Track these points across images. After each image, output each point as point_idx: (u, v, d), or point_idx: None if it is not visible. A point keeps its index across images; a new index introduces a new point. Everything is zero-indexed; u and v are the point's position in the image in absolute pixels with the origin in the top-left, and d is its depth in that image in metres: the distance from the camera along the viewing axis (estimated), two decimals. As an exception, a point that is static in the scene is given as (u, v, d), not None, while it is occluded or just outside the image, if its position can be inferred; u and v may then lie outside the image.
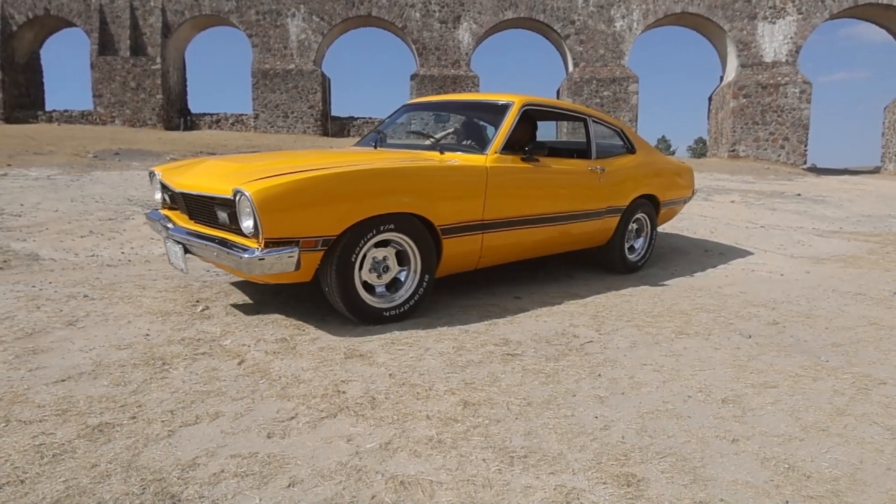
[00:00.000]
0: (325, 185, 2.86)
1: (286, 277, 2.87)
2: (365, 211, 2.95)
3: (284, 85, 23.32)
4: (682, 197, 5.56)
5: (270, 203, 2.69)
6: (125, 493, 1.62)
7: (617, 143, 4.88)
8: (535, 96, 4.20)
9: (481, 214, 3.49)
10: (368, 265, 3.11)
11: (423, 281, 3.28)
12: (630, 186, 4.67)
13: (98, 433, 1.94)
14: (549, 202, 4.01)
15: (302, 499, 1.61)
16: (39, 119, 24.53)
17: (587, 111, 4.66)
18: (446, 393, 2.32)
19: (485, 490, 1.68)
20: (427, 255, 3.26)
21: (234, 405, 2.16)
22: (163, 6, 23.69)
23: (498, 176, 3.58)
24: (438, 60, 23.51)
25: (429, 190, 3.24)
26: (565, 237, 4.24)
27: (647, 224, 4.98)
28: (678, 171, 5.56)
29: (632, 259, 4.87)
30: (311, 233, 2.81)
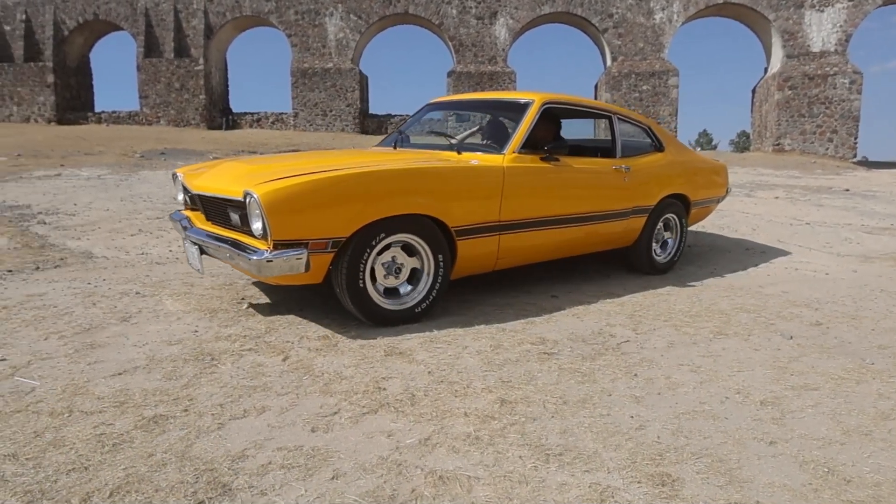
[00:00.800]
0: (334, 187, 2.85)
1: (296, 279, 2.88)
2: (375, 213, 2.93)
3: (323, 83, 23.65)
4: (714, 196, 5.39)
5: (278, 205, 2.71)
6: (180, 482, 1.72)
7: (644, 141, 4.77)
8: (556, 94, 4.15)
9: (498, 215, 3.44)
10: (380, 267, 3.10)
11: (437, 283, 3.25)
12: (658, 186, 4.55)
13: (153, 424, 2.05)
14: (570, 202, 3.92)
15: (345, 490, 1.69)
16: (89, 120, 25.42)
17: (612, 108, 4.58)
18: (483, 391, 2.37)
19: (521, 486, 1.72)
20: (440, 257, 3.23)
21: (280, 400, 2.26)
22: (205, 8, 24.25)
23: (515, 176, 3.53)
24: (475, 57, 23.50)
25: (442, 191, 3.20)
26: (589, 238, 4.16)
27: (676, 224, 4.84)
28: (710, 169, 5.39)
29: (660, 260, 4.73)
30: (320, 234, 2.81)
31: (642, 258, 4.58)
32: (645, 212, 4.47)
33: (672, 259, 4.83)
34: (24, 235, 5.64)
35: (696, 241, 6.15)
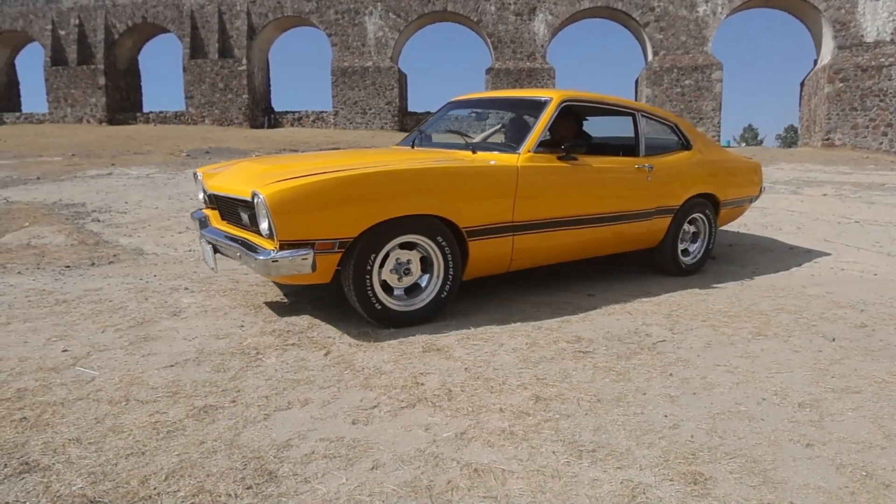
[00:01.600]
0: (340, 188, 2.86)
1: (304, 279, 2.91)
2: (382, 213, 2.92)
3: (362, 82, 23.92)
4: (746, 196, 5.22)
5: (284, 205, 2.74)
6: (229, 468, 1.82)
7: (671, 139, 4.65)
8: (576, 91, 4.08)
9: (511, 216, 3.39)
10: (389, 267, 3.09)
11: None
12: (684, 185, 4.43)
13: (204, 414, 2.17)
14: (589, 202, 3.84)
15: (384, 480, 1.76)
16: (137, 120, 26.28)
17: (636, 105, 4.47)
18: (519, 387, 2.42)
19: (554, 480, 1.77)
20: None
21: (322, 393, 2.35)
22: (248, 10, 24.78)
23: (530, 176, 3.47)
24: (514, 53, 23.42)
25: (452, 191, 3.17)
26: (609, 239, 4.08)
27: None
28: (742, 167, 5.23)
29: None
30: (327, 235, 2.82)
31: (668, 259, 4.48)
32: (670, 212, 4.37)
33: (700, 260, 4.70)
34: (80, 233, 5.92)
35: (737, 240, 6.06)
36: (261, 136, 20.65)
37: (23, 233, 5.80)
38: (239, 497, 1.68)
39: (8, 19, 27.12)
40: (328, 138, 19.72)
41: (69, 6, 26.43)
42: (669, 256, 4.46)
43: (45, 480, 1.76)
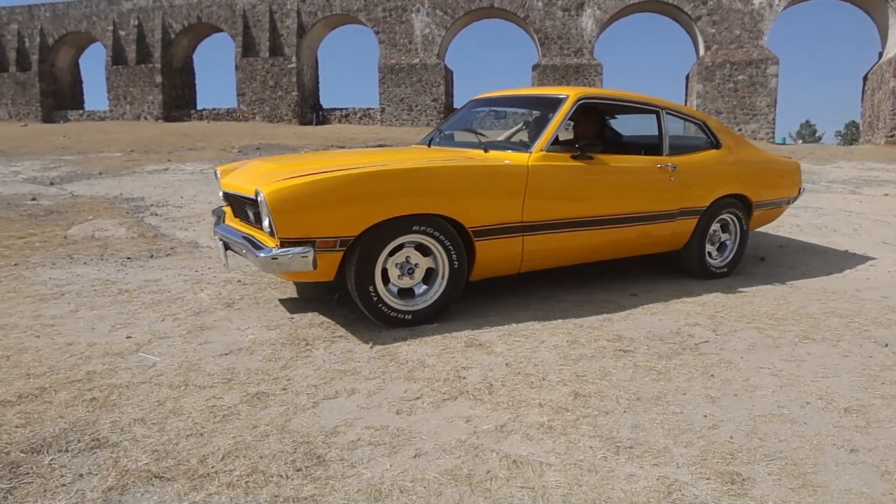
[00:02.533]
0: (340, 187, 2.87)
1: (307, 276, 2.95)
2: (384, 212, 2.91)
3: (409, 79, 24.12)
4: (782, 197, 4.96)
5: (283, 203, 2.77)
6: (281, 451, 1.93)
7: (698, 138, 4.48)
8: (595, 88, 4.02)
9: (520, 216, 3.34)
10: (394, 267, 3.08)
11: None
12: (711, 185, 4.26)
13: (256, 400, 2.29)
14: (606, 203, 3.74)
15: (426, 468, 1.84)
16: (192, 117, 27.14)
17: (660, 103, 4.30)
18: (558, 384, 2.47)
19: (590, 474, 1.82)
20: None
21: (368, 384, 2.45)
22: (298, 8, 25.27)
23: (542, 175, 3.41)
24: (560, 49, 23.22)
25: (456, 190, 3.14)
26: (629, 241, 3.96)
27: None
28: (778, 167, 4.99)
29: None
30: (328, 233, 2.84)
31: (694, 262, 4.33)
32: (695, 213, 4.21)
33: (730, 263, 4.52)
34: (140, 226, 6.21)
35: (788, 241, 5.91)
36: (309, 132, 21.06)
37: (87, 225, 6.12)
38: (290, 478, 1.78)
39: (73, 21, 28.38)
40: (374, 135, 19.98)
41: (129, 7, 27.47)
42: (696, 259, 4.32)
43: (113, 456, 1.90)
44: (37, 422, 2.12)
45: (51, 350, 2.82)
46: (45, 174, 10.38)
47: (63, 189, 8.77)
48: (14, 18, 29.17)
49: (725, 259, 4.53)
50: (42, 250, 5.08)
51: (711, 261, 4.45)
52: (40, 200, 7.67)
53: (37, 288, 3.91)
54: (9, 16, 29.23)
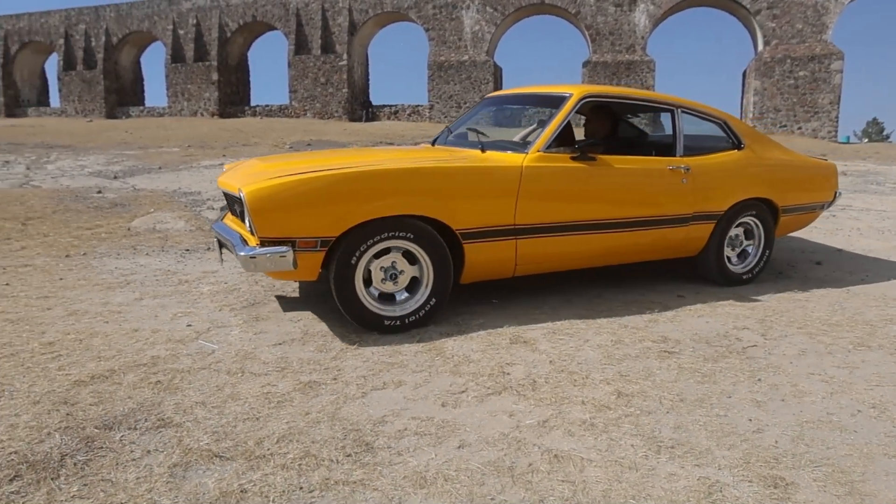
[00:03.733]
0: (320, 187, 2.85)
1: (290, 275, 2.96)
2: (365, 213, 2.88)
3: (458, 76, 24.20)
4: (814, 202, 4.66)
5: (261, 203, 2.78)
6: (331, 437, 2.03)
7: (717, 138, 4.24)
8: (602, 86, 3.79)
9: (513, 218, 3.24)
10: (378, 270, 3.03)
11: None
12: (730, 188, 4.04)
13: (309, 388, 2.40)
14: (610, 206, 3.58)
15: (470, 459, 1.91)
16: (245, 114, 27.89)
17: (676, 101, 4.08)
18: (601, 382, 2.49)
19: (630, 472, 1.85)
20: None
21: (414, 377, 2.53)
22: (349, 6, 25.65)
23: (537, 177, 3.29)
24: (612, 46, 22.88)
25: (443, 191, 3.06)
26: (637, 246, 3.78)
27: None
28: (809, 170, 4.67)
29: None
30: (308, 233, 2.83)
31: (712, 268, 4.12)
32: (712, 218, 3.99)
33: (752, 270, 4.27)
34: (197, 219, 6.47)
35: (847, 244, 5.72)
36: (358, 129, 21.39)
37: (149, 218, 6.42)
38: (340, 463, 1.87)
39: (135, 21, 29.54)
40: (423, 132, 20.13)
41: (188, 7, 28.41)
42: (714, 265, 4.10)
43: (177, 435, 2.04)
44: (108, 401, 2.28)
45: (118, 335, 3.00)
46: (108, 168, 10.88)
47: (125, 182, 9.19)
48: (82, 19, 30.56)
49: (748, 265, 4.28)
50: (108, 241, 5.37)
51: (732, 267, 4.21)
52: (105, 193, 8.06)
53: (104, 277, 4.15)
54: (77, 16, 30.65)
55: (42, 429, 2.06)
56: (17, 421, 2.11)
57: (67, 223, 6.15)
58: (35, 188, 9.44)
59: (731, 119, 4.27)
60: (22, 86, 33.08)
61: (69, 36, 30.71)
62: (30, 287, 3.92)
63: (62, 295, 3.73)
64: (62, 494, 1.71)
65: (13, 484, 1.75)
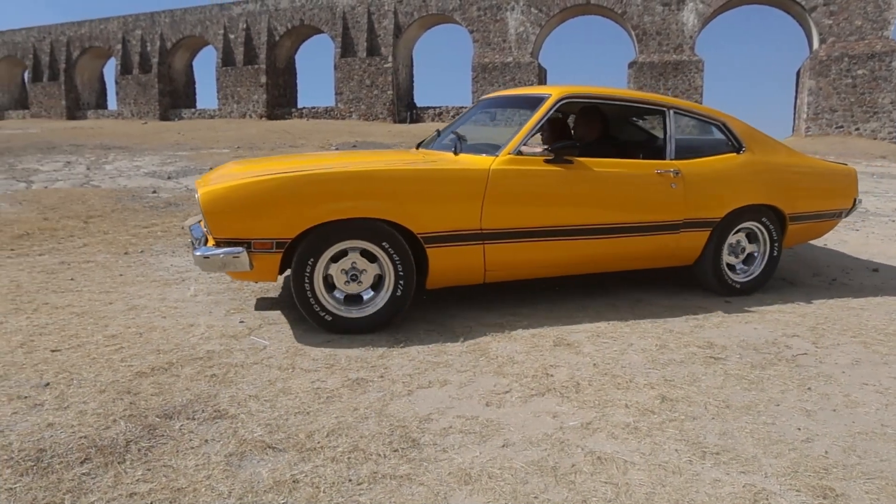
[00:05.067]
0: (273, 190, 2.88)
1: (249, 277, 3.01)
2: (321, 216, 2.88)
3: (502, 77, 24.17)
4: (828, 209, 4.35)
5: (213, 205, 2.84)
6: (379, 433, 2.09)
7: (717, 140, 4.03)
8: (585, 87, 3.73)
9: (479, 223, 3.15)
10: (339, 272, 3.03)
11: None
12: (728, 194, 3.82)
13: (356, 385, 2.48)
14: (587, 211, 3.43)
15: (513, 458, 1.94)
16: (292, 115, 28.47)
17: (668, 101, 3.91)
18: (645, 386, 2.49)
19: (674, 476, 1.85)
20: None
21: (459, 376, 2.58)
22: (395, 9, 25.91)
23: (504, 180, 3.21)
24: (659, 46, 22.50)
25: (403, 194, 3.02)
26: (620, 253, 3.62)
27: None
28: (824, 175, 4.37)
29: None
30: (263, 235, 2.86)
31: (709, 278, 3.91)
32: (707, 225, 3.78)
33: (757, 280, 4.02)
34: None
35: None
36: (402, 130, 21.59)
37: (202, 217, 6.66)
38: (387, 457, 1.93)
39: (188, 26, 30.52)
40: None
41: (238, 12, 29.19)
42: (711, 275, 3.89)
43: (233, 426, 2.13)
44: (167, 392, 2.40)
45: (175, 330, 3.14)
46: (162, 168, 11.29)
47: (179, 183, 9.52)
48: (138, 25, 31.75)
49: (751, 275, 4.03)
50: (163, 239, 5.59)
51: (733, 276, 3.97)
52: (160, 193, 8.38)
53: (160, 273, 4.34)
54: (134, 22, 31.85)
55: (108, 416, 2.19)
56: (85, 408, 2.25)
57: (125, 221, 6.44)
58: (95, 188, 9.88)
59: (732, 120, 4.07)
60: (82, 89, 34.57)
61: (126, 41, 31.94)
62: (92, 282, 4.12)
63: (122, 290, 3.92)
64: (128, 477, 1.82)
65: (84, 466, 1.87)
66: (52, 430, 2.08)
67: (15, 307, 3.52)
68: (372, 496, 1.73)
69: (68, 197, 8.86)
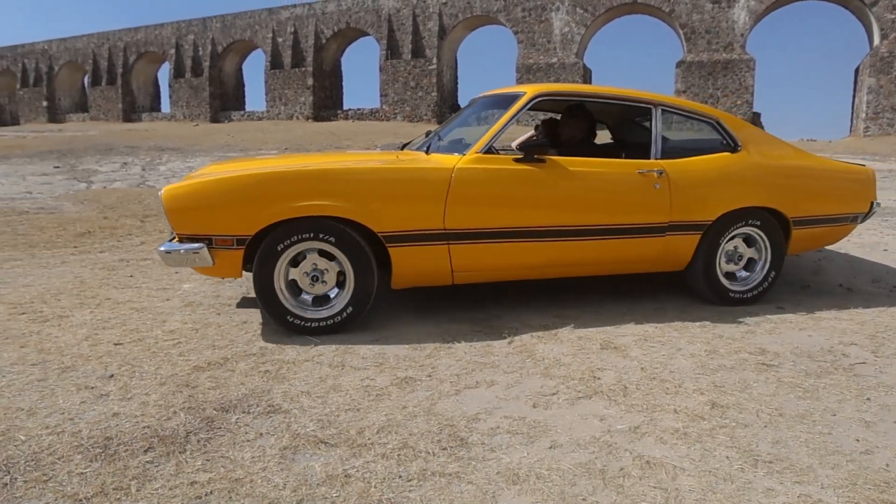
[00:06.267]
0: (230, 188, 2.99)
1: (214, 272, 3.11)
2: (278, 213, 2.94)
3: (546, 78, 24.03)
4: (840, 213, 4.01)
5: (172, 203, 2.97)
6: (427, 431, 2.13)
7: (710, 139, 3.81)
8: (563, 84, 3.60)
9: (442, 223, 3.11)
10: (302, 276, 3.07)
11: (361, 290, 3.08)
12: (719, 195, 3.60)
13: (405, 384, 2.52)
14: (560, 212, 3.32)
15: (561, 459, 1.95)
16: (338, 117, 28.93)
17: (655, 98, 3.72)
18: (695, 392, 2.46)
19: (725, 483, 1.83)
20: (361, 264, 3.06)
21: (506, 377, 2.60)
22: (440, 11, 26.05)
23: (468, 180, 3.16)
24: (708, 45, 22.00)
25: (361, 193, 3.03)
26: (599, 257, 3.48)
27: (764, 244, 3.77)
28: (832, 176, 4.05)
29: (736, 288, 3.73)
30: (224, 231, 2.96)
31: (701, 285, 3.70)
32: (696, 228, 3.58)
33: (757, 288, 3.76)
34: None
35: (972, 257, 5.26)
36: (445, 132, 21.64)
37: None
38: (436, 455, 1.97)
39: (238, 30, 31.34)
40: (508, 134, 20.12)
41: (287, 16, 29.82)
42: (703, 282, 3.68)
43: (286, 421, 2.20)
44: (223, 386, 2.49)
45: (230, 326, 3.25)
46: (215, 170, 11.63)
47: (230, 183, 9.79)
48: (191, 30, 32.77)
49: (750, 283, 3.78)
50: (217, 238, 5.77)
51: (728, 284, 3.74)
52: (213, 193, 8.64)
53: (215, 271, 4.48)
54: (187, 27, 32.89)
55: (169, 407, 2.29)
56: (147, 399, 2.36)
57: (180, 221, 6.66)
58: (150, 188, 10.26)
59: (726, 118, 3.84)
60: (138, 93, 35.91)
61: (179, 46, 33.01)
62: (150, 279, 4.30)
63: (178, 287, 4.07)
64: (188, 467, 1.90)
65: (147, 454, 1.96)
66: (118, 420, 2.19)
67: (79, 302, 3.70)
68: (422, 493, 1.77)
69: (126, 197, 9.23)
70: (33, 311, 3.49)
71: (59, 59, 37.76)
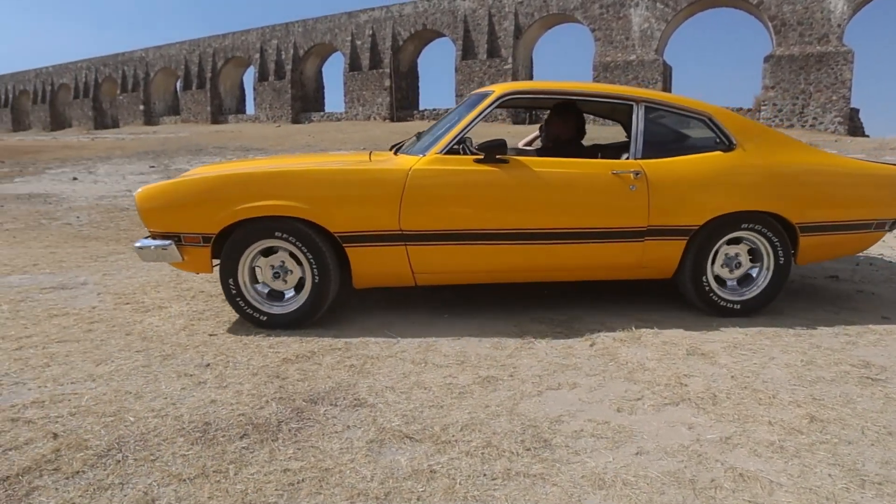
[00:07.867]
0: (192, 189, 3.20)
1: (185, 267, 3.30)
2: (238, 214, 3.10)
3: (625, 76, 23.47)
4: (860, 219, 3.57)
5: (145, 203, 3.20)
6: (510, 430, 2.13)
7: (702, 137, 3.52)
8: (533, 82, 3.37)
9: (397, 223, 3.13)
10: (267, 267, 3.22)
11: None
12: (708, 197, 3.32)
13: (487, 383, 2.53)
14: (524, 215, 3.20)
15: (648, 466, 1.91)
16: (414, 117, 29.31)
17: (637, 93, 3.50)
18: (791, 404, 2.34)
19: (828, 503, 1.73)
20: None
21: (588, 380, 2.56)
22: (515, 10, 25.91)
23: (423, 181, 3.14)
24: (801, 37, 20.82)
25: (317, 194, 3.12)
26: (568, 261, 3.32)
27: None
28: (848, 178, 3.62)
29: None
30: (191, 229, 3.16)
31: (690, 294, 3.45)
32: (681, 233, 3.33)
33: (758, 298, 3.44)
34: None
35: None
36: (522, 131, 21.55)
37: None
38: (520, 455, 1.97)
39: (319, 34, 32.33)
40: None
41: (365, 19, 30.50)
42: (691, 290, 3.42)
43: (372, 414, 2.26)
44: (311, 378, 2.58)
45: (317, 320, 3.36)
46: (296, 169, 12.05)
47: (311, 183, 10.12)
48: (274, 35, 34.09)
49: (747, 293, 3.46)
50: (300, 236, 5.98)
51: (721, 293, 3.44)
52: (295, 192, 8.96)
53: (299, 268, 4.64)
54: (271, 33, 34.23)
55: (261, 397, 2.40)
56: (241, 388, 2.48)
57: (266, 219, 6.95)
58: (238, 187, 10.68)
59: (720, 113, 3.52)
60: (225, 96, 37.71)
61: (263, 50, 34.40)
62: (241, 274, 4.50)
63: (267, 282, 4.24)
64: (281, 454, 1.99)
65: (243, 441, 2.06)
66: (215, 406, 2.31)
67: (177, 294, 3.93)
68: (507, 492, 1.78)
69: (215, 195, 9.66)
70: (136, 302, 3.74)
71: (155, 66, 40.20)
